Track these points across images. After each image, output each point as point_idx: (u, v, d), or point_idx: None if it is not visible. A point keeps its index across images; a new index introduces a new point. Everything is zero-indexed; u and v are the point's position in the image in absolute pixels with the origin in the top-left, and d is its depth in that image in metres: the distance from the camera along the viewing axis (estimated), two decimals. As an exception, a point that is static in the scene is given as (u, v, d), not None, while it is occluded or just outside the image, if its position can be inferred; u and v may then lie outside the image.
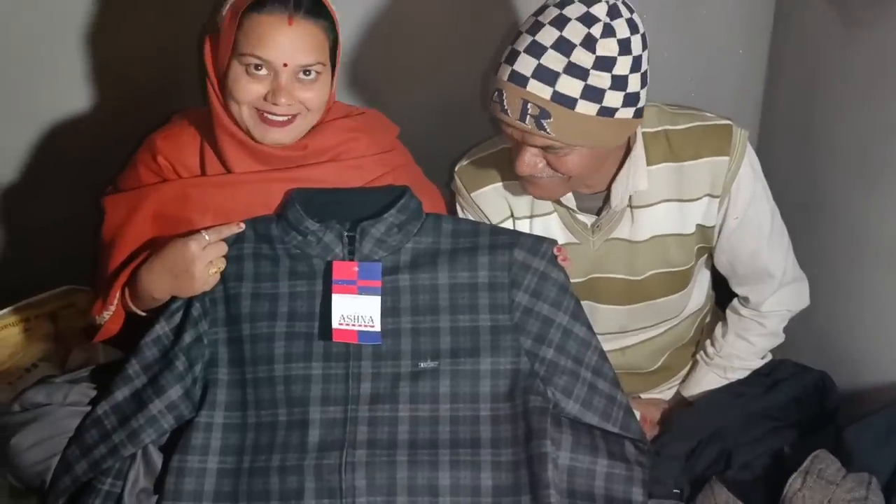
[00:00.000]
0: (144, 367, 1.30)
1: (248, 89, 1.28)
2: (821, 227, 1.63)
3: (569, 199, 1.41)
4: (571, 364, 1.29)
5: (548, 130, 1.23)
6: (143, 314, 1.35)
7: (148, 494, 1.26)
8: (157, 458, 1.28)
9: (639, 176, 1.36)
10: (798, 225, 1.64)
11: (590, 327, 1.33)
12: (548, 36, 1.21)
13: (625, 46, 1.21)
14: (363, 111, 1.45)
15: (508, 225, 1.44)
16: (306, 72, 1.28)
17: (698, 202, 1.40)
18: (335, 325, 1.25)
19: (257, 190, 1.34)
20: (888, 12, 1.45)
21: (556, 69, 1.20)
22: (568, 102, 1.21)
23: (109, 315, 1.36)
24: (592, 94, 1.21)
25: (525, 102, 1.22)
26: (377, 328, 1.25)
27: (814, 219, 1.65)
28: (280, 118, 1.30)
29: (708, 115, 1.40)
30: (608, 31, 1.20)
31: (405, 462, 1.22)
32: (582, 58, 1.20)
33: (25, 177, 1.71)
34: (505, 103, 1.23)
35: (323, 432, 1.23)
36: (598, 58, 1.20)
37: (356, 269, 1.27)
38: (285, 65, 1.26)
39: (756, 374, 1.51)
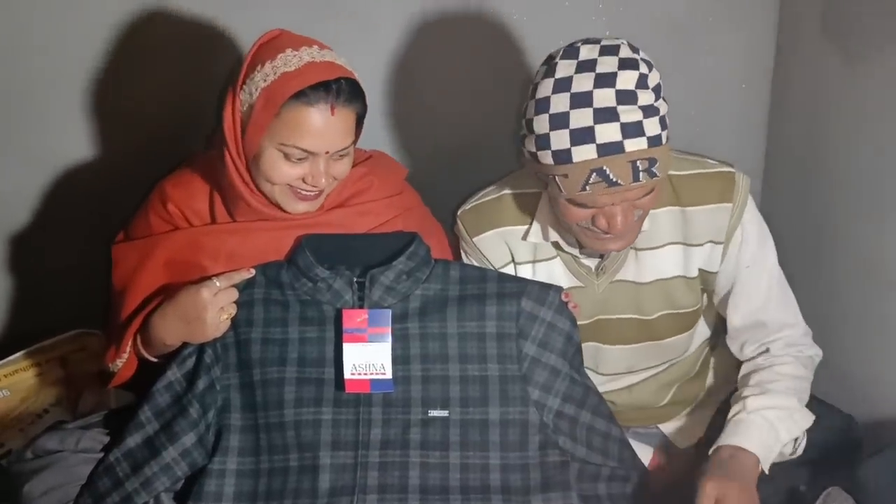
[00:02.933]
0: (156, 414, 1.30)
1: (286, 173, 1.29)
2: (831, 262, 1.64)
3: (571, 245, 1.42)
4: (574, 410, 1.31)
5: (658, 174, 1.25)
6: (155, 360, 1.36)
7: (160, 542, 1.27)
8: (169, 504, 1.29)
9: None
10: (808, 260, 1.65)
11: (583, 368, 1.35)
12: (605, 97, 1.21)
13: (654, 69, 1.25)
14: (370, 154, 1.47)
15: (510, 270, 1.45)
16: (342, 153, 1.30)
17: (701, 248, 1.41)
18: (347, 375, 1.26)
19: (269, 237, 1.35)
20: (886, 48, 1.46)
21: (636, 119, 1.21)
22: (658, 140, 1.23)
23: (122, 362, 1.37)
24: (663, 122, 1.25)
25: (634, 163, 1.22)
26: (389, 376, 1.26)
27: (824, 253, 1.66)
28: (313, 192, 1.32)
29: (710, 161, 1.42)
30: (645, 64, 1.24)
31: (416, 507, 1.22)
32: (645, 97, 1.22)
33: (36, 221, 1.72)
34: (612, 176, 1.22)
35: (333, 477, 1.24)
36: (653, 90, 1.23)
37: (366, 316, 1.27)
38: (327, 152, 1.28)
39: None
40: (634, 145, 1.21)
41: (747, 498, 1.25)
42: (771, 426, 1.34)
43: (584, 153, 1.21)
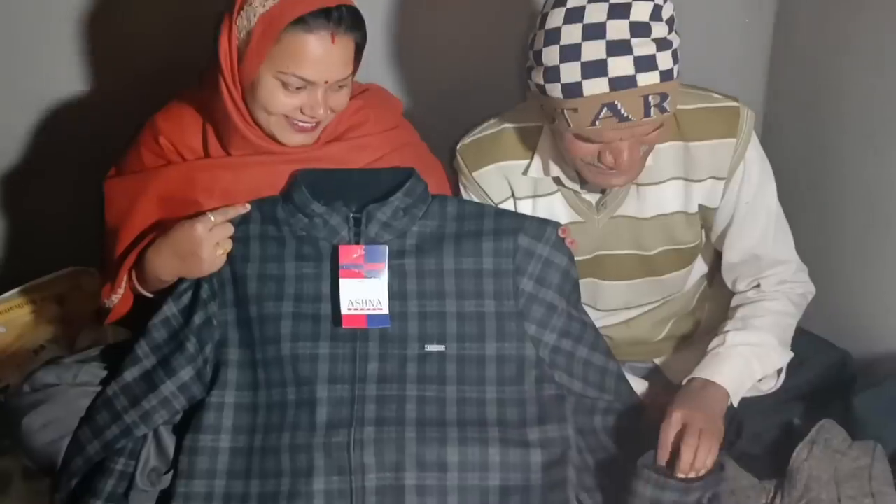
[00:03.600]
0: (153, 348, 1.31)
1: (284, 102, 1.26)
2: (832, 199, 1.63)
3: (572, 180, 1.41)
4: (571, 345, 1.31)
5: (668, 110, 1.23)
6: (151, 296, 1.35)
7: (158, 474, 1.28)
8: (168, 438, 1.30)
9: None
10: (808, 197, 1.64)
11: (580, 304, 1.35)
12: (619, 29, 1.18)
13: (669, 1, 1.22)
14: (366, 87, 1.44)
15: (509, 205, 1.44)
16: (341, 84, 1.28)
17: (702, 183, 1.40)
18: (344, 310, 1.26)
19: (263, 171, 1.33)
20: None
21: (650, 52, 1.18)
22: (671, 75, 1.21)
23: (118, 298, 1.36)
24: (675, 56, 1.22)
25: (646, 98, 1.20)
26: (385, 311, 1.26)
27: (824, 191, 1.65)
28: (310, 124, 1.29)
29: (715, 95, 1.40)
30: None
31: (413, 439, 1.23)
32: (659, 30, 1.20)
33: (29, 161, 1.71)
34: (624, 111, 1.20)
35: (331, 410, 1.24)
36: (666, 22, 1.21)
37: (362, 252, 1.27)
38: (326, 82, 1.25)
39: None
40: (647, 80, 1.19)
41: (711, 428, 1.26)
42: (746, 362, 1.36)
43: (596, 87, 1.19)
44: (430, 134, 1.50)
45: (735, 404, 1.34)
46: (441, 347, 1.27)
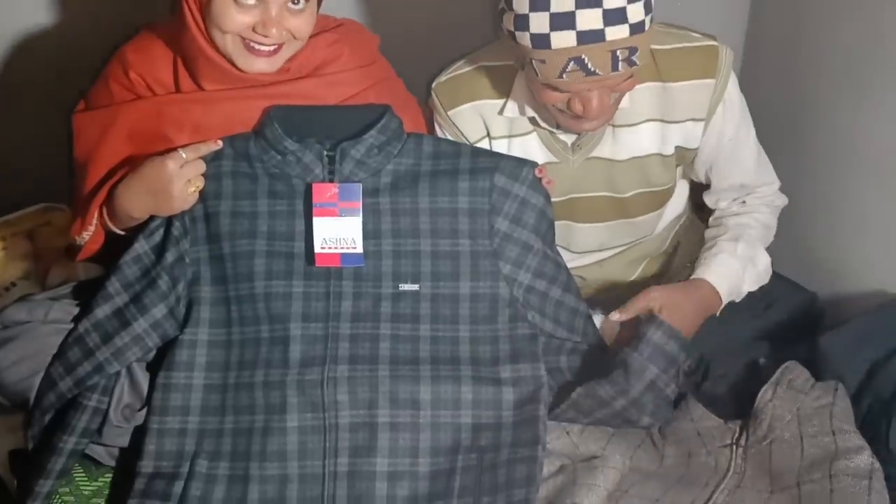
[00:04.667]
0: (125, 285, 1.30)
1: (236, 20, 1.22)
2: (807, 139, 1.64)
3: (547, 122, 1.40)
4: (545, 285, 1.32)
5: (638, 63, 1.21)
6: (123, 233, 1.34)
7: (132, 410, 1.28)
8: (141, 375, 1.30)
9: None
10: (785, 136, 1.64)
11: (555, 245, 1.35)
12: None
13: None
14: (340, 22, 1.41)
15: (484, 144, 1.43)
16: (295, 1, 1.24)
17: (681, 125, 1.40)
18: (317, 249, 1.25)
19: (235, 107, 1.31)
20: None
21: (620, 5, 1.16)
22: (641, 27, 1.19)
23: (89, 235, 1.35)
24: (648, 6, 1.20)
25: (613, 52, 1.18)
26: (359, 250, 1.26)
27: (801, 130, 1.65)
28: (267, 48, 1.26)
29: (693, 34, 1.38)
30: None
31: (387, 377, 1.24)
32: None
33: (-5, 94, 1.67)
34: (591, 66, 1.18)
35: (304, 348, 1.25)
36: None
37: (336, 190, 1.26)
38: None
39: (747, 295, 1.46)
40: (616, 33, 1.17)
41: (689, 317, 1.32)
42: (743, 274, 1.41)
43: (563, 40, 1.17)
44: (407, 71, 1.48)
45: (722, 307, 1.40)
46: (415, 287, 1.27)
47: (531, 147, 1.42)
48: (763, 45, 1.81)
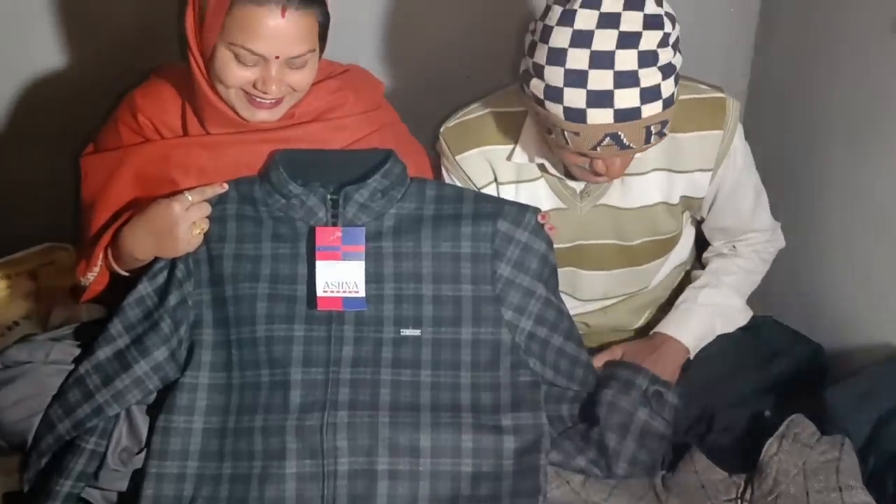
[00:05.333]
0: (127, 328, 1.30)
1: (237, 75, 1.24)
2: (810, 189, 1.64)
3: (556, 168, 1.40)
4: (546, 332, 1.31)
5: (667, 133, 1.25)
6: (127, 274, 1.34)
7: (130, 454, 1.27)
8: (140, 418, 1.29)
9: None
10: (786, 186, 1.65)
11: (558, 292, 1.36)
12: (627, 59, 1.16)
13: (676, 24, 1.22)
14: (346, 68, 1.43)
15: (492, 190, 1.43)
16: (295, 60, 1.25)
17: (689, 175, 1.41)
18: (320, 292, 1.25)
19: (241, 151, 1.32)
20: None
21: (655, 82, 1.18)
22: (672, 100, 1.22)
23: (94, 276, 1.35)
24: (677, 78, 1.23)
25: (648, 128, 1.21)
26: (362, 294, 1.26)
27: (803, 180, 1.65)
28: (268, 101, 1.28)
29: (702, 86, 1.40)
30: (669, 21, 1.20)
31: (387, 423, 1.23)
32: (665, 56, 1.19)
33: (4, 134, 1.68)
34: (626, 140, 1.20)
35: (304, 393, 1.24)
36: (672, 46, 1.20)
37: (339, 234, 1.26)
38: (277, 57, 1.23)
39: (752, 346, 1.48)
40: (651, 110, 1.19)
41: (652, 366, 1.38)
42: (711, 320, 1.47)
43: (601, 117, 1.18)
44: (414, 117, 1.49)
45: (691, 358, 1.45)
46: (417, 332, 1.26)
47: (539, 193, 1.42)
48: (765, 95, 1.82)
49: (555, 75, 1.18)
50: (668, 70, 1.20)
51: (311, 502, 1.20)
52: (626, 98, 1.17)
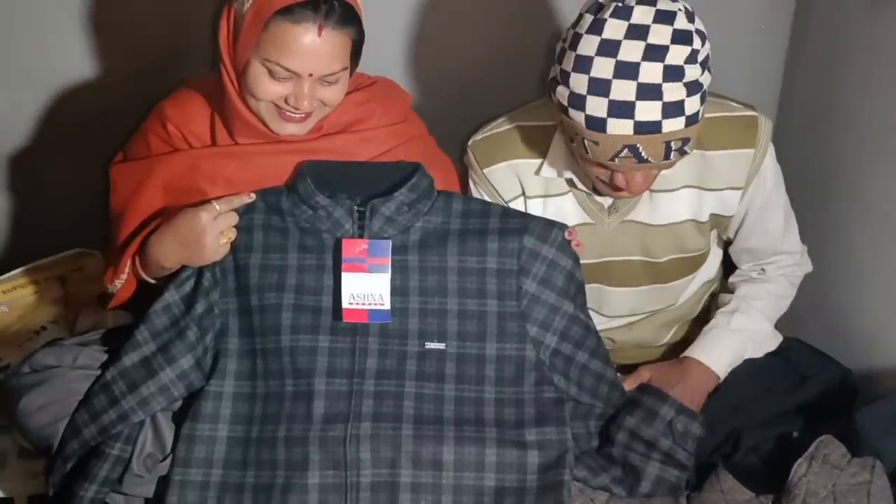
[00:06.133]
0: (153, 334, 1.30)
1: (269, 90, 1.25)
2: (840, 207, 1.62)
3: (585, 183, 1.40)
4: (571, 349, 1.30)
5: (688, 151, 1.23)
6: (154, 282, 1.35)
7: (154, 461, 1.28)
8: (166, 425, 1.30)
9: None
10: (816, 204, 1.63)
11: (586, 308, 1.35)
12: (652, 72, 1.16)
13: (707, 41, 1.21)
14: (374, 80, 1.43)
15: (519, 203, 1.43)
16: (327, 77, 1.26)
17: (719, 193, 1.39)
18: (345, 304, 1.25)
19: (268, 162, 1.33)
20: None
21: (679, 98, 1.18)
22: (696, 118, 1.20)
23: (121, 283, 1.36)
24: (703, 97, 1.21)
25: (668, 143, 1.20)
26: (387, 306, 1.25)
27: (832, 198, 1.64)
28: (298, 115, 1.28)
29: (733, 104, 1.39)
30: (699, 38, 1.19)
31: (410, 436, 1.23)
32: (692, 72, 1.18)
33: (35, 142, 1.71)
34: (644, 154, 1.20)
35: (328, 404, 1.24)
36: (700, 63, 1.19)
37: (365, 246, 1.26)
38: (310, 75, 1.24)
39: (781, 369, 1.45)
40: (672, 125, 1.18)
41: (680, 391, 1.36)
42: (741, 346, 1.44)
43: (621, 128, 1.18)
44: (442, 129, 1.49)
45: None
46: (441, 345, 1.26)
47: (567, 208, 1.42)
48: (795, 111, 1.81)
49: (579, 83, 1.18)
50: (693, 87, 1.19)
51: (333, 513, 1.20)
52: (648, 111, 1.17)
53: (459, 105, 1.63)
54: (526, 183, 1.42)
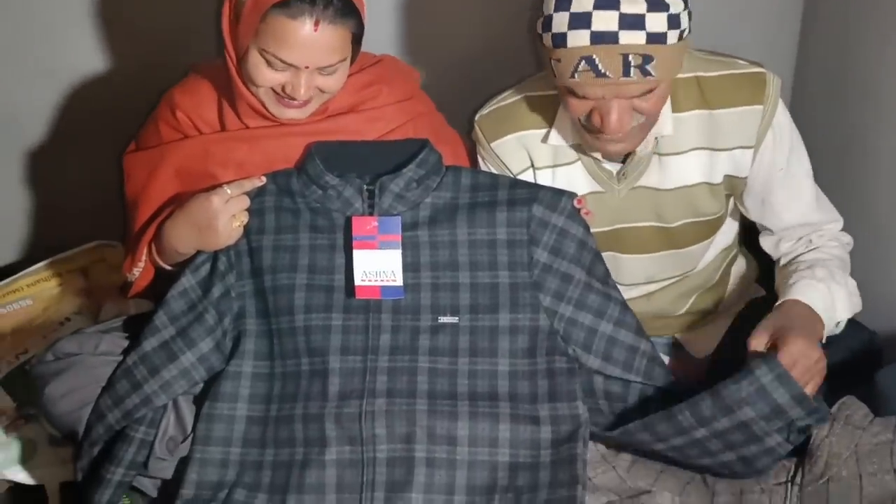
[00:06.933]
0: (171, 318, 1.32)
1: (267, 77, 1.27)
2: (861, 171, 1.59)
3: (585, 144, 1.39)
4: (591, 319, 1.29)
5: (653, 74, 1.21)
6: (171, 268, 1.37)
7: (176, 443, 1.30)
8: (187, 408, 1.31)
9: (663, 119, 1.33)
10: (837, 169, 1.60)
11: (609, 278, 1.32)
12: None
13: None
14: (378, 59, 1.43)
15: (528, 175, 1.42)
16: (325, 67, 1.27)
17: (729, 153, 1.37)
18: (358, 282, 1.26)
19: (277, 144, 1.34)
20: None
21: (638, 11, 1.18)
22: (661, 38, 1.20)
23: (139, 272, 1.38)
24: (674, 21, 1.20)
25: (625, 56, 1.19)
26: (399, 282, 1.26)
27: (853, 162, 1.61)
28: (296, 102, 1.29)
29: (740, 62, 1.36)
30: None
31: (424, 411, 1.23)
32: None
33: (51, 134, 1.74)
34: (601, 67, 1.19)
35: (343, 381, 1.25)
36: None
37: (376, 223, 1.27)
38: (307, 67, 1.25)
39: None
40: (630, 38, 1.18)
41: (812, 350, 1.20)
42: (827, 293, 1.31)
43: (578, 39, 1.19)
44: (449, 105, 1.49)
45: (823, 340, 1.27)
46: (454, 319, 1.26)
47: (576, 176, 1.41)
48: (812, 75, 1.78)
49: (549, 4, 1.21)
50: (657, 5, 1.18)
51: (350, 488, 1.21)
52: (604, 20, 1.17)
53: (466, 83, 1.62)
54: (534, 154, 1.41)
